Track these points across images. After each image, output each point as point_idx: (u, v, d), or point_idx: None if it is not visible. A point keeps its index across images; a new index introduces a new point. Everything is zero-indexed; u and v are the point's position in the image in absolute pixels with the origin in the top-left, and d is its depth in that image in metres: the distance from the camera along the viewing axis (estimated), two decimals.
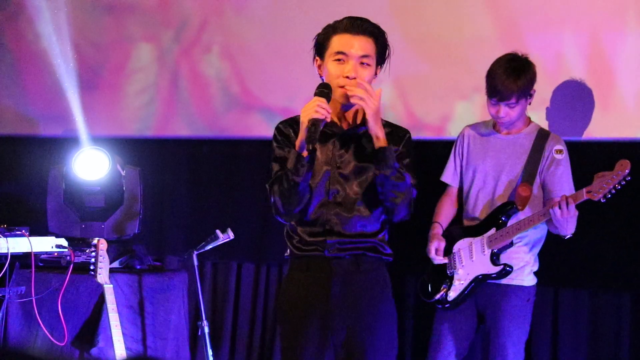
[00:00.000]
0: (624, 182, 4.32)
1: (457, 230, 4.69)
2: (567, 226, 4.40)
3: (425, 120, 5.33)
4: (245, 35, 5.77)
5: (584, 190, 4.36)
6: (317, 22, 5.49)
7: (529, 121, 4.64)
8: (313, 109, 3.40)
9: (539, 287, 4.69)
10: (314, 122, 3.40)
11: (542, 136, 4.58)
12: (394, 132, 3.61)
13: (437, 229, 4.69)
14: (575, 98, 5.05)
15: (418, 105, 5.36)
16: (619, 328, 5.06)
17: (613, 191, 4.33)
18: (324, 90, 3.49)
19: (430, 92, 5.32)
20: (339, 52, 3.55)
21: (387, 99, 5.35)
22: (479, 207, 4.64)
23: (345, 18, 3.61)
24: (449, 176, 4.77)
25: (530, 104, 4.57)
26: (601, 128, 5.03)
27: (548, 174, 4.54)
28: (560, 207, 4.32)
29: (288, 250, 3.70)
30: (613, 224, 5.00)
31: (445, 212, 4.76)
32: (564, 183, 4.53)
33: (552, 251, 4.72)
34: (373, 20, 3.67)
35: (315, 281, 3.60)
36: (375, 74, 3.59)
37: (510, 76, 4.45)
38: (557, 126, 5.03)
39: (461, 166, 4.73)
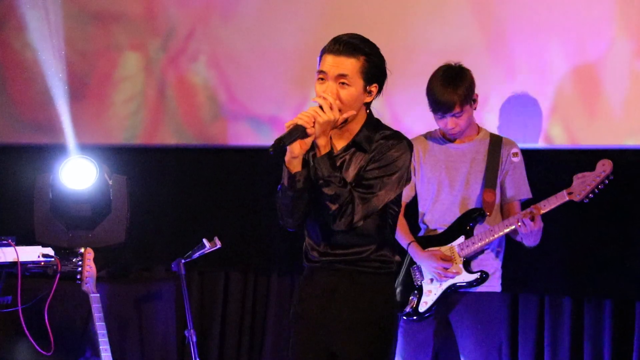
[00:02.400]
0: (607, 182, 4.34)
1: (420, 242, 4.65)
2: (533, 238, 4.42)
3: (413, 129, 5.32)
4: (232, 44, 5.77)
5: (565, 192, 4.38)
6: (304, 31, 5.56)
7: (478, 127, 4.65)
8: (298, 116, 3.41)
9: (524, 294, 4.69)
10: (292, 128, 3.39)
11: (496, 141, 4.60)
12: (385, 138, 3.59)
13: (421, 248, 4.58)
14: (561, 105, 5.07)
15: (405, 114, 5.36)
16: (600, 335, 5.08)
17: (596, 191, 4.35)
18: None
19: (417, 101, 5.32)
20: (319, 72, 3.56)
21: (374, 107, 5.35)
22: (441, 218, 4.61)
23: (333, 38, 3.59)
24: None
25: (475, 109, 4.57)
26: (588, 135, 5.05)
27: (506, 178, 4.57)
28: (525, 222, 4.34)
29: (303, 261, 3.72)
30: (595, 230, 5.03)
31: (407, 229, 4.67)
32: (521, 186, 4.57)
33: (537, 259, 4.74)
34: (358, 29, 3.66)
35: (316, 293, 3.60)
36: (369, 92, 3.55)
37: (449, 87, 4.46)
38: (543, 134, 5.05)
39: (415, 180, 4.70)
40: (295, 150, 3.44)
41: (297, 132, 3.39)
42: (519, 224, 4.39)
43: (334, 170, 3.43)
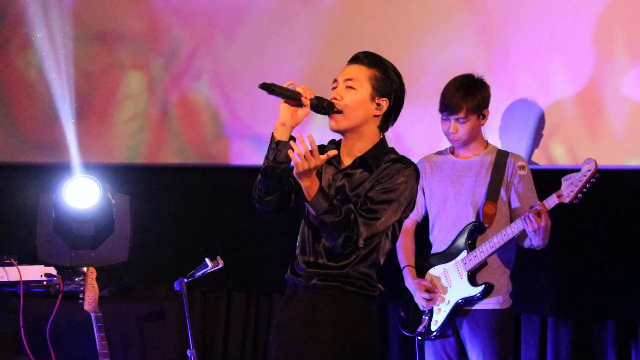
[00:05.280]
0: (593, 180, 4.34)
1: (426, 260, 4.66)
2: (541, 236, 4.40)
3: (414, 148, 5.34)
4: (235, 63, 5.79)
5: (554, 195, 4.37)
6: (307, 52, 5.58)
7: (486, 143, 4.66)
8: (300, 85, 3.48)
9: (526, 315, 4.68)
10: (289, 87, 3.47)
11: (502, 155, 4.60)
12: (393, 161, 3.60)
13: (414, 275, 4.62)
14: (563, 126, 5.08)
15: (407, 133, 5.37)
16: (603, 356, 5.07)
17: (584, 190, 4.34)
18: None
19: (419, 120, 5.34)
20: (334, 81, 3.59)
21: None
22: (446, 233, 4.62)
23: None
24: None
25: (483, 125, 4.58)
26: (589, 155, 5.03)
27: (514, 191, 4.56)
28: (531, 218, 4.33)
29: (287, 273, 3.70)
30: (598, 251, 5.02)
31: (410, 251, 4.71)
32: (530, 198, 4.55)
33: (540, 279, 4.73)
34: (361, 48, 3.68)
35: (296, 310, 3.60)
36: (377, 105, 3.58)
37: (460, 91, 4.51)
38: (545, 154, 5.05)
39: (424, 198, 4.72)
40: (284, 116, 3.49)
41: (290, 92, 3.46)
42: (525, 222, 4.36)
43: (328, 204, 3.40)
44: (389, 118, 3.62)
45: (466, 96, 4.49)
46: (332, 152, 3.42)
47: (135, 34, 5.98)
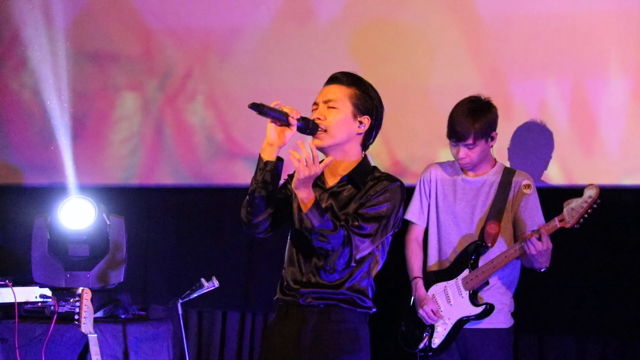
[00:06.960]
0: (595, 206, 4.35)
1: (428, 276, 4.66)
2: (542, 259, 4.40)
3: (409, 167, 5.35)
4: (229, 84, 5.80)
5: (556, 219, 4.37)
6: (300, 70, 5.59)
7: (495, 162, 4.66)
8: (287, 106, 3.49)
9: (525, 334, 4.67)
10: (276, 106, 3.47)
11: (508, 174, 4.60)
12: (378, 179, 3.61)
13: (422, 289, 4.62)
14: (558, 145, 5.09)
15: (402, 152, 5.38)
16: None
17: (585, 216, 4.35)
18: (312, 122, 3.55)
19: (414, 139, 5.35)
20: (314, 104, 3.61)
21: (372, 146, 5.37)
22: (449, 250, 4.61)
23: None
24: (415, 214, 4.72)
25: (492, 146, 4.58)
26: (584, 174, 5.06)
27: (519, 210, 4.56)
28: (532, 242, 4.33)
29: (276, 294, 3.69)
30: (595, 269, 5.02)
31: (419, 261, 4.70)
32: (535, 217, 4.55)
33: (537, 297, 4.72)
34: (355, 68, 3.70)
35: (289, 330, 3.59)
36: (360, 122, 3.60)
37: (468, 117, 4.48)
38: (540, 172, 5.06)
39: (428, 206, 4.72)
40: (271, 136, 3.50)
41: (279, 112, 3.46)
42: (526, 245, 4.36)
43: (322, 218, 3.41)
44: (370, 136, 3.64)
45: (473, 123, 4.46)
46: (328, 159, 3.44)
47: (130, 55, 6.00)
